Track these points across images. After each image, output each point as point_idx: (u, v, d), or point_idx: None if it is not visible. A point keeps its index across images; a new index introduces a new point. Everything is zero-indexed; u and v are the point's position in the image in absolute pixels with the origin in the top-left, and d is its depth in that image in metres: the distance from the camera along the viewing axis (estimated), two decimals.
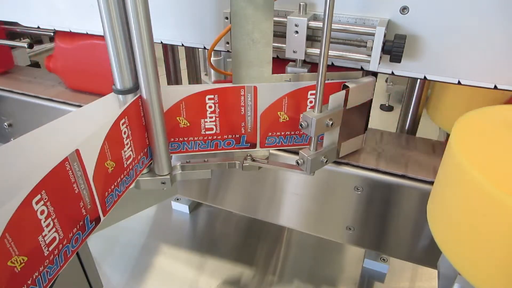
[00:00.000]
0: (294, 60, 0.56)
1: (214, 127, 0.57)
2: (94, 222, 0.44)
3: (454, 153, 0.38)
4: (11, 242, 0.32)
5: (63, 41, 0.74)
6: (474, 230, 0.36)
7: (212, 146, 0.58)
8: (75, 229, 0.41)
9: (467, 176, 0.35)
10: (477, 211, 0.35)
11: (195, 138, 0.57)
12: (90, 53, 0.72)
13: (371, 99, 0.57)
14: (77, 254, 0.60)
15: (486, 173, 0.34)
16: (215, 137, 0.58)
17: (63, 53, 0.75)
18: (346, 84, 0.53)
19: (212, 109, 0.55)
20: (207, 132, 0.57)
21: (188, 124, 0.56)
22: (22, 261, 0.34)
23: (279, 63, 0.58)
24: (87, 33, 0.69)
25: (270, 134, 0.58)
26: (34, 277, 0.36)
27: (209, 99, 0.54)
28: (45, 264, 0.37)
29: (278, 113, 0.56)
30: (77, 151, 0.39)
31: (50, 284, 0.38)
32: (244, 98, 0.54)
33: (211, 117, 0.56)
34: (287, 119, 0.57)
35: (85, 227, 0.43)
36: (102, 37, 0.64)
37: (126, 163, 0.49)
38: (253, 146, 0.59)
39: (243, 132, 0.58)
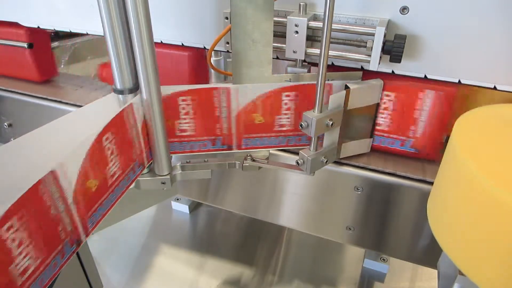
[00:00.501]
0: (294, 60, 0.56)
1: (287, 123, 0.57)
2: (141, 166, 0.52)
3: (455, 151, 0.38)
4: (87, 167, 0.40)
5: None
6: (476, 228, 0.36)
7: (283, 142, 0.59)
8: (128, 169, 0.49)
9: (468, 174, 0.35)
10: (478, 209, 0.35)
11: (269, 134, 0.58)
12: None
13: (378, 103, 0.56)
14: (77, 254, 0.60)
15: (487, 171, 0.34)
16: (287, 133, 0.58)
17: None
18: (347, 84, 0.53)
19: (287, 106, 0.55)
20: (280, 129, 0.57)
21: (263, 121, 0.56)
22: (95, 184, 0.42)
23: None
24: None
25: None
26: (103, 199, 0.44)
27: (286, 96, 0.54)
28: (110, 191, 0.45)
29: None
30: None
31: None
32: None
33: (285, 114, 0.56)
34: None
35: (134, 170, 0.51)
36: (165, 46, 0.62)
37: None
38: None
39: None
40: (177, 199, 1.08)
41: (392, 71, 0.54)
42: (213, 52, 0.75)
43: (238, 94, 0.53)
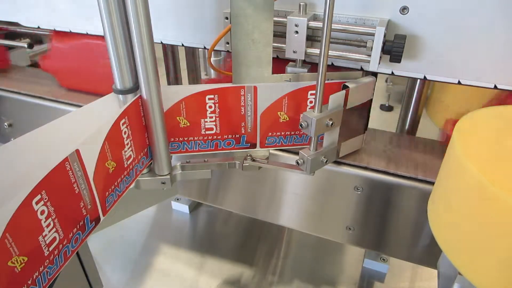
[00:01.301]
0: (294, 60, 0.56)
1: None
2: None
3: (456, 153, 0.38)
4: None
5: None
6: (475, 229, 0.36)
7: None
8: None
9: (469, 176, 0.36)
10: (478, 210, 0.35)
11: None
12: None
13: (371, 99, 0.57)
14: (77, 254, 0.60)
15: (487, 173, 0.34)
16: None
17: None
18: (346, 84, 0.53)
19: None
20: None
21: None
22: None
23: (279, 63, 0.58)
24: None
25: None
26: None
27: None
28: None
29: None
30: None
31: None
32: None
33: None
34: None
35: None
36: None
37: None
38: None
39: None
40: (177, 199, 1.08)
41: (392, 72, 0.54)
42: (213, 52, 0.75)
43: (263, 93, 0.54)
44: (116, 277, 0.89)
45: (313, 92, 0.55)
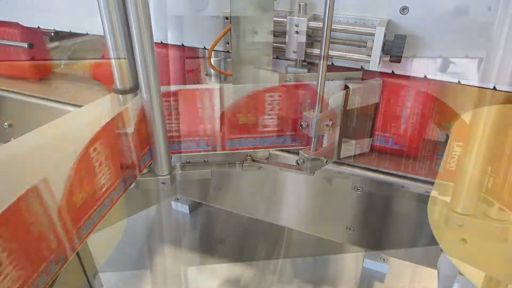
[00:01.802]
0: (294, 60, 0.56)
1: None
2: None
3: (455, 152, 0.38)
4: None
5: None
6: (475, 230, 0.36)
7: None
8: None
9: (468, 176, 0.36)
10: (478, 210, 0.35)
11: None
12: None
13: (377, 103, 0.56)
14: (77, 254, 0.60)
15: (486, 173, 0.34)
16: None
17: None
18: (347, 84, 0.53)
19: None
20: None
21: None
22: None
23: (279, 63, 0.58)
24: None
25: None
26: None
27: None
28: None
29: None
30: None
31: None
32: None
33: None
34: None
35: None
36: None
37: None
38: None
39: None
40: (177, 199, 1.08)
41: (392, 71, 0.54)
42: (213, 52, 0.75)
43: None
44: (116, 277, 0.89)
45: None
